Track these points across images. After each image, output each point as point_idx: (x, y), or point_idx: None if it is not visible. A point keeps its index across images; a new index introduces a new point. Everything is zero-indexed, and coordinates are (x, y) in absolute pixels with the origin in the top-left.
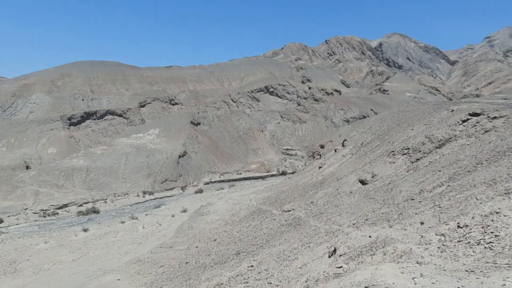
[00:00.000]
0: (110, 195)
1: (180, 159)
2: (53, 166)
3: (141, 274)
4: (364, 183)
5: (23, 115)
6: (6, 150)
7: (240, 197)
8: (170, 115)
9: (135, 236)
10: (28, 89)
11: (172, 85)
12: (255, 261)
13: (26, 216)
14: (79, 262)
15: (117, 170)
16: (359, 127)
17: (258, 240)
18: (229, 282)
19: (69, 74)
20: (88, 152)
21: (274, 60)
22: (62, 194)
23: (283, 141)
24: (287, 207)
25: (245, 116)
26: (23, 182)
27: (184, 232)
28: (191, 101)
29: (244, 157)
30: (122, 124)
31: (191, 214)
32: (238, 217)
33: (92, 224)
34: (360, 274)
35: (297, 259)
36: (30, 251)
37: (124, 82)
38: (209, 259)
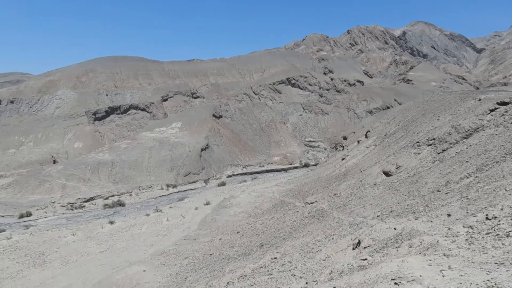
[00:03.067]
0: (135, 188)
1: (203, 152)
2: (80, 160)
3: (166, 266)
4: (388, 174)
5: (50, 111)
6: (34, 145)
7: (262, 190)
8: (192, 109)
9: (159, 228)
10: (54, 85)
11: (193, 78)
12: (279, 253)
13: (54, 209)
14: (106, 254)
15: (141, 163)
16: (382, 118)
17: (281, 232)
18: (253, 273)
19: (93, 69)
20: (113, 146)
21: (295, 51)
22: (88, 188)
23: (305, 133)
24: (310, 199)
25: (267, 108)
26: (50, 176)
27: (208, 225)
28: (213, 94)
29: (267, 149)
30: (145, 118)
31: (214, 206)
32: (261, 209)
33: (118, 217)
34: (386, 266)
35: (321, 251)
36: (58, 243)
37: (147, 76)
38: (233, 251)
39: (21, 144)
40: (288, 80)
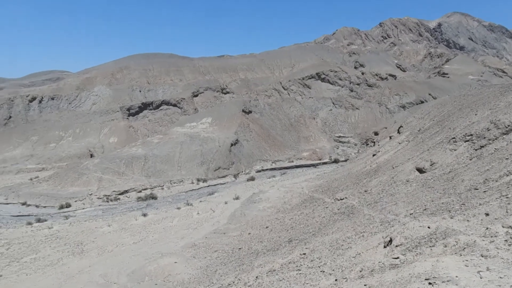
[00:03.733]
0: (167, 182)
1: (232, 147)
2: (115, 154)
3: (197, 258)
4: (422, 171)
5: (87, 107)
6: (72, 140)
7: (291, 185)
8: (222, 104)
9: (190, 221)
10: (91, 82)
11: (223, 74)
12: (308, 249)
13: (91, 201)
14: (139, 245)
15: (172, 158)
16: (416, 113)
17: (310, 228)
18: (282, 269)
19: (127, 67)
20: (145, 141)
21: (325, 46)
22: (123, 181)
23: (335, 128)
24: (340, 195)
25: (296, 103)
26: (88, 169)
27: (237, 219)
28: (242, 89)
29: (296, 144)
30: (177, 114)
31: (243, 201)
32: (290, 204)
33: (151, 210)
34: (419, 265)
35: (351, 248)
36: (95, 233)
37: (178, 72)
38: (262, 245)
39: (61, 138)
40: (317, 74)
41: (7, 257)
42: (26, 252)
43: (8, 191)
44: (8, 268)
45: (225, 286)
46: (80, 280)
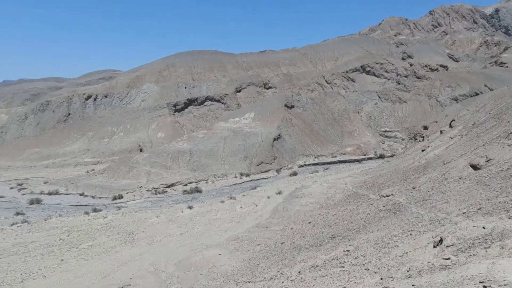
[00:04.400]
0: (211, 176)
1: (275, 142)
2: (162, 149)
3: (240, 251)
4: (477, 168)
5: (136, 104)
6: (124, 135)
7: (335, 181)
8: (265, 99)
9: (233, 215)
10: (140, 80)
11: (266, 69)
12: (352, 246)
13: (141, 193)
14: (185, 236)
15: (216, 152)
16: (470, 106)
17: (354, 224)
18: (325, 265)
19: (173, 64)
20: (191, 136)
21: (371, 37)
22: (170, 174)
23: (381, 122)
24: (386, 192)
25: (340, 97)
26: (137, 163)
27: (279, 214)
28: (285, 84)
29: (339, 139)
30: (220, 109)
31: (286, 196)
32: (333, 200)
33: (196, 202)
34: (473, 267)
35: (397, 247)
36: (145, 224)
37: (221, 69)
38: (304, 241)
39: (113, 134)
40: (362, 67)
41: (68, 243)
42: (84, 239)
43: (68, 183)
44: (68, 253)
45: (268, 279)
46: (132, 267)
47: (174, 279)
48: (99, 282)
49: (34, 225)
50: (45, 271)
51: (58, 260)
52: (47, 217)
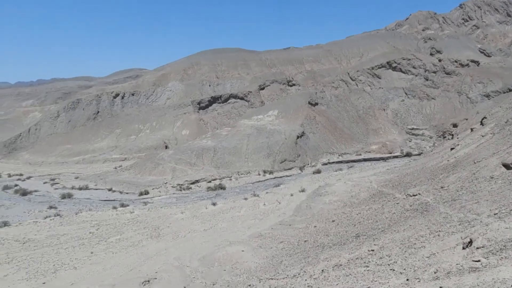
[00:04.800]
0: (234, 173)
1: (298, 139)
2: (187, 146)
3: (263, 248)
4: (509, 167)
5: (162, 102)
6: (150, 132)
7: (359, 179)
8: (288, 96)
9: (256, 212)
10: (165, 78)
11: (289, 66)
12: (376, 245)
13: (166, 189)
14: (209, 232)
15: (240, 150)
16: (503, 102)
17: (379, 224)
18: (348, 264)
19: (198, 62)
20: (214, 133)
21: (398, 32)
22: (194, 171)
23: (407, 120)
24: (412, 191)
25: (365, 94)
26: (163, 160)
27: (303, 211)
28: (309, 81)
29: (364, 137)
30: (244, 107)
31: (309, 194)
32: (357, 199)
33: (220, 199)
34: (505, 270)
35: (424, 247)
36: (170, 219)
37: (245, 66)
38: (328, 239)
39: (140, 131)
40: (388, 63)
41: (97, 237)
42: (112, 233)
43: (97, 178)
44: (97, 246)
45: (291, 277)
46: (157, 261)
47: (198, 274)
48: (126, 274)
49: (65, 219)
50: (76, 262)
51: (88, 253)
52: (78, 211)
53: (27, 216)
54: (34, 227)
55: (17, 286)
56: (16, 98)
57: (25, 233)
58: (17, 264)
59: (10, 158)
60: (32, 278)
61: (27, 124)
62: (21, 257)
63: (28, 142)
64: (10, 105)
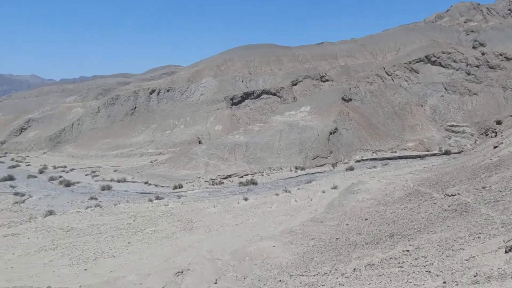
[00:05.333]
0: (266, 168)
1: (331, 136)
2: (219, 141)
3: (294, 244)
4: None
5: (196, 97)
6: (184, 128)
7: (394, 177)
8: (321, 92)
9: (288, 208)
10: (199, 74)
11: (322, 62)
12: (411, 246)
13: (199, 184)
14: (241, 227)
15: (272, 145)
16: None
17: (415, 224)
18: (382, 263)
19: (231, 58)
20: (247, 129)
21: (437, 24)
22: (226, 166)
23: (447, 116)
24: (451, 190)
25: (401, 90)
26: (196, 154)
27: (335, 209)
28: (342, 76)
29: (400, 134)
30: (276, 103)
31: (341, 191)
32: (392, 197)
33: (251, 194)
34: None
35: (463, 250)
36: (203, 213)
37: (278, 62)
38: (360, 238)
39: (174, 126)
40: (427, 57)
41: (134, 228)
42: (148, 224)
43: (134, 171)
44: (134, 236)
45: (322, 274)
46: (190, 253)
47: (229, 267)
48: (161, 265)
49: (105, 209)
50: (114, 251)
51: (126, 242)
52: (116, 203)
53: (70, 206)
54: (76, 216)
55: (61, 271)
56: (60, 94)
57: (68, 221)
58: (61, 250)
59: (55, 151)
60: (74, 264)
61: (70, 119)
62: (65, 244)
63: (71, 136)
64: (55, 101)
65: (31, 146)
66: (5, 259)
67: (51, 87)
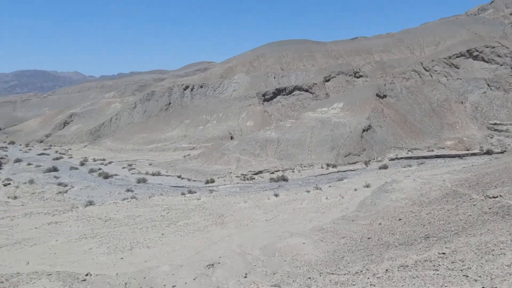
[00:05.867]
0: (297, 165)
1: (364, 133)
2: (251, 137)
3: (324, 242)
4: None
5: (228, 93)
6: (216, 123)
7: (430, 177)
8: (355, 88)
9: (318, 205)
10: (232, 70)
11: (356, 57)
12: (448, 248)
13: (231, 179)
14: (271, 223)
15: (303, 142)
16: None
17: (452, 226)
18: (416, 265)
19: (263, 54)
20: (278, 125)
21: (480, 17)
22: (257, 162)
23: (489, 114)
24: (493, 192)
25: (440, 86)
26: (228, 150)
27: (367, 207)
28: (377, 72)
29: (438, 132)
30: (308, 99)
31: (374, 190)
32: (428, 198)
33: (282, 191)
34: None
35: (504, 255)
36: (234, 208)
37: (310, 58)
38: (393, 238)
39: (207, 122)
40: (468, 52)
41: (167, 220)
42: (181, 217)
43: (168, 165)
44: (167, 228)
45: (352, 273)
46: (221, 247)
47: (259, 262)
48: (192, 257)
49: (140, 201)
50: (149, 242)
51: (159, 234)
52: (151, 195)
53: (108, 197)
54: (114, 207)
55: (99, 258)
56: (100, 90)
57: (106, 212)
58: (99, 239)
59: (95, 144)
60: (112, 253)
61: (109, 114)
62: (103, 234)
63: (110, 130)
64: (95, 96)
65: (73, 139)
66: (49, 245)
67: (92, 84)
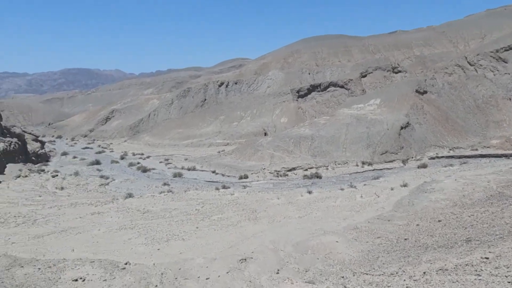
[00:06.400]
0: (331, 162)
1: (402, 130)
2: (285, 133)
3: (358, 241)
4: None
5: (262, 90)
6: (250, 120)
7: (474, 177)
8: (392, 84)
9: (353, 204)
10: (266, 67)
11: (395, 52)
12: (492, 253)
13: (264, 175)
14: (304, 220)
15: (338, 139)
16: None
17: (496, 229)
18: (456, 269)
19: (298, 50)
20: (312, 122)
21: None
22: (291, 159)
23: None
24: None
25: (486, 81)
26: (262, 146)
27: (404, 208)
28: (417, 67)
29: (482, 130)
30: (344, 95)
31: (412, 189)
32: (470, 199)
33: (315, 188)
34: None
35: None
36: (266, 204)
37: (346, 53)
38: (432, 240)
39: (241, 118)
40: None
41: (202, 214)
42: (214, 211)
43: (203, 161)
44: (201, 222)
45: (388, 275)
46: (254, 242)
47: (291, 259)
48: (226, 251)
49: (176, 195)
50: (184, 235)
51: (194, 227)
52: (186, 189)
53: (146, 190)
54: (151, 200)
55: (138, 248)
56: (139, 87)
57: (144, 204)
58: (138, 230)
59: (134, 139)
60: (149, 243)
61: (147, 110)
62: (141, 225)
63: (148, 126)
64: (135, 93)
65: (114, 134)
66: (92, 234)
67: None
